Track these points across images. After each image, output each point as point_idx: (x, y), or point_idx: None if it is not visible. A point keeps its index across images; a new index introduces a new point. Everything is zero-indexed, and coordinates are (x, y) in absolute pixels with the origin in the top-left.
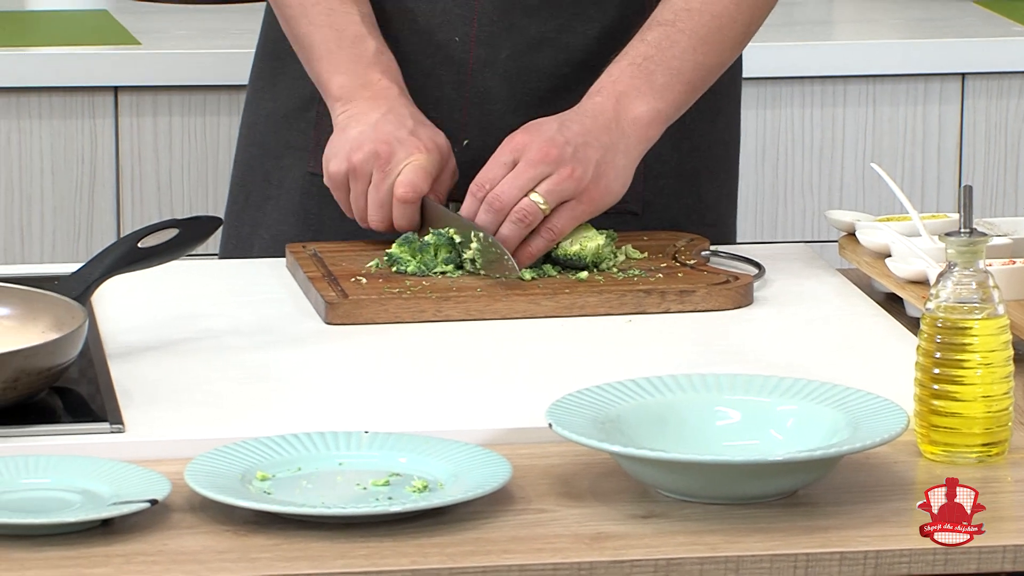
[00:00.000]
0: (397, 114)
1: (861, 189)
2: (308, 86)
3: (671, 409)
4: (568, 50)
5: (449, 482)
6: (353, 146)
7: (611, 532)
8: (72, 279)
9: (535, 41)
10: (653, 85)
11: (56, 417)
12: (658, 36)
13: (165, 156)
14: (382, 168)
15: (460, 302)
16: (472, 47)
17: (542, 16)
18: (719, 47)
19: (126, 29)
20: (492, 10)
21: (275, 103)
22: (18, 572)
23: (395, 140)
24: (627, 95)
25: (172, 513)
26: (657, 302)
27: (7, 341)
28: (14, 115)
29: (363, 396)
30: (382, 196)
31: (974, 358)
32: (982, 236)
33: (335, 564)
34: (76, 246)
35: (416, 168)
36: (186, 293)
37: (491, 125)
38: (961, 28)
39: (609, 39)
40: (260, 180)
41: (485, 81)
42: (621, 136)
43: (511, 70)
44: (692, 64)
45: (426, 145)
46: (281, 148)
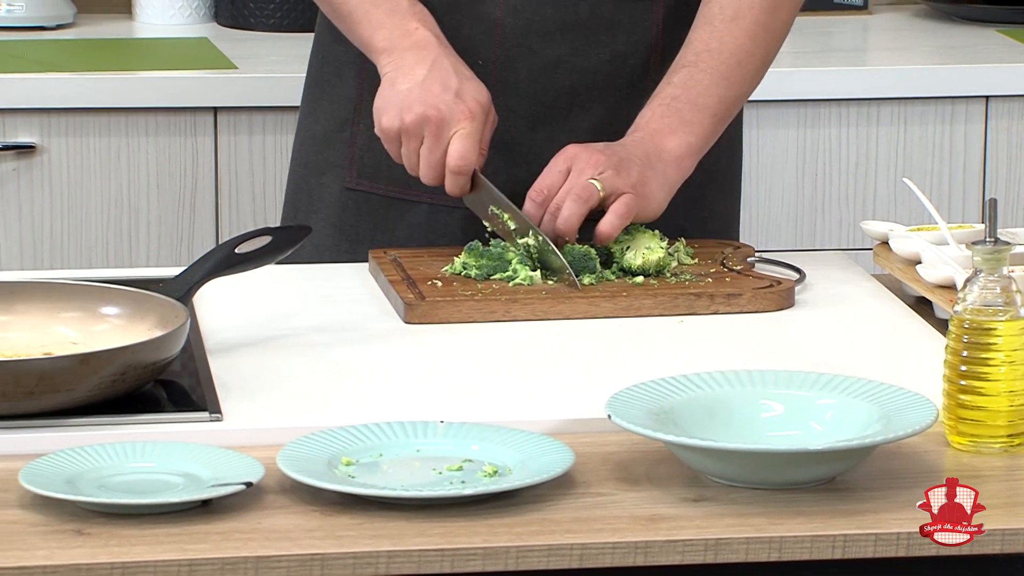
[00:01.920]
0: (441, 69)
1: (893, 201)
2: (345, 109)
3: (720, 402)
4: (581, 72)
5: (517, 468)
6: (404, 105)
7: (665, 514)
8: (175, 282)
9: (551, 63)
10: (683, 121)
11: (161, 407)
12: (683, 77)
13: (259, 170)
14: (434, 133)
15: (527, 304)
16: (494, 69)
17: (557, 41)
18: (740, 80)
19: (224, 55)
20: (512, 35)
21: (317, 125)
22: (127, 548)
23: (444, 105)
24: (660, 132)
25: (265, 495)
26: (706, 304)
27: (116, 338)
28: (123, 133)
29: (438, 389)
30: (435, 159)
31: (998, 356)
32: (1006, 245)
33: (413, 542)
34: (178, 252)
35: (466, 137)
36: (278, 295)
37: (512, 140)
38: (985, 55)
39: (619, 62)
40: (305, 197)
41: (506, 100)
42: (659, 165)
43: (529, 90)
44: (716, 99)
45: (471, 108)
46: (323, 166)
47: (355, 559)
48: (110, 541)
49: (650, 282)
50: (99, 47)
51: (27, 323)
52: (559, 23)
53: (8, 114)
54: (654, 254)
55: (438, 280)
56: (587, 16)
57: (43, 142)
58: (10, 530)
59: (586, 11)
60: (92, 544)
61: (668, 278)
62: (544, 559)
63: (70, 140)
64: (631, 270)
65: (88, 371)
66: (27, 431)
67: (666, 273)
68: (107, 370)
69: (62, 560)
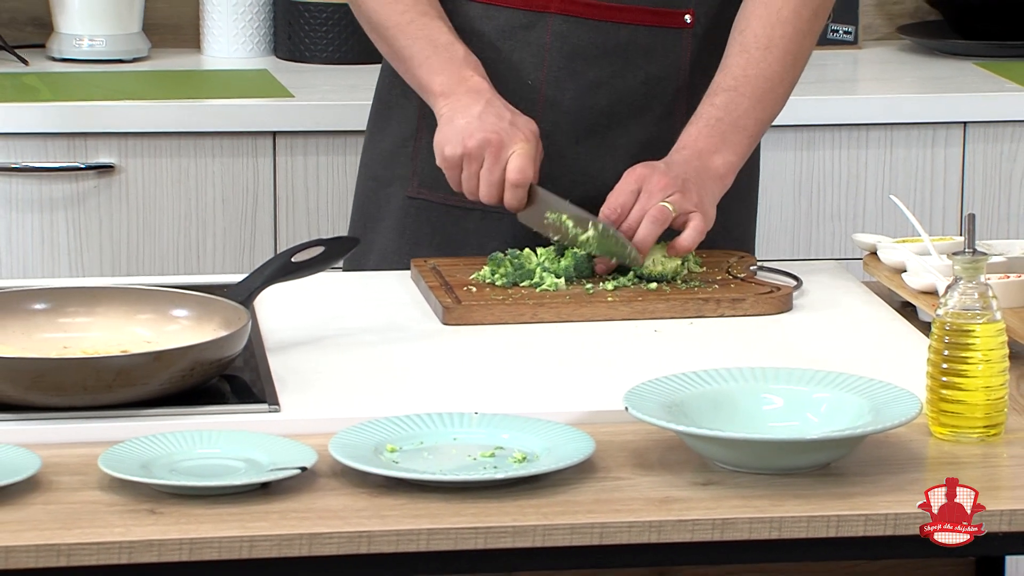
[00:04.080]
0: (495, 107)
1: (881, 216)
2: (409, 127)
3: (726, 396)
4: (620, 92)
5: (543, 454)
6: (465, 134)
7: (676, 496)
8: (238, 287)
9: (594, 84)
10: (726, 142)
11: (225, 399)
12: (724, 100)
13: (313, 188)
14: (494, 154)
15: (552, 307)
16: (542, 88)
17: (600, 64)
18: (773, 103)
19: (282, 85)
20: (559, 59)
21: (384, 142)
22: (194, 526)
23: (502, 130)
24: (706, 151)
25: (318, 478)
26: (713, 308)
27: (185, 337)
28: (192, 154)
29: (473, 384)
30: (495, 178)
31: (976, 356)
32: (983, 255)
33: (450, 520)
34: (241, 260)
35: (523, 155)
36: (330, 299)
37: (556, 153)
38: (963, 85)
39: (653, 84)
40: (373, 206)
41: (553, 116)
42: (708, 183)
43: (574, 108)
44: (754, 120)
45: (525, 134)
46: (389, 178)
47: (398, 536)
48: (180, 519)
49: (663, 288)
50: (171, 78)
51: (106, 324)
52: (600, 48)
53: (90, 137)
54: (671, 262)
55: (472, 286)
56: (625, 42)
57: (121, 162)
58: (91, 509)
59: (625, 37)
60: (164, 522)
61: (679, 284)
62: (567, 536)
63: (145, 161)
64: (649, 277)
65: (160, 367)
66: (106, 421)
67: (677, 280)
68: (177, 366)
69: (137, 536)
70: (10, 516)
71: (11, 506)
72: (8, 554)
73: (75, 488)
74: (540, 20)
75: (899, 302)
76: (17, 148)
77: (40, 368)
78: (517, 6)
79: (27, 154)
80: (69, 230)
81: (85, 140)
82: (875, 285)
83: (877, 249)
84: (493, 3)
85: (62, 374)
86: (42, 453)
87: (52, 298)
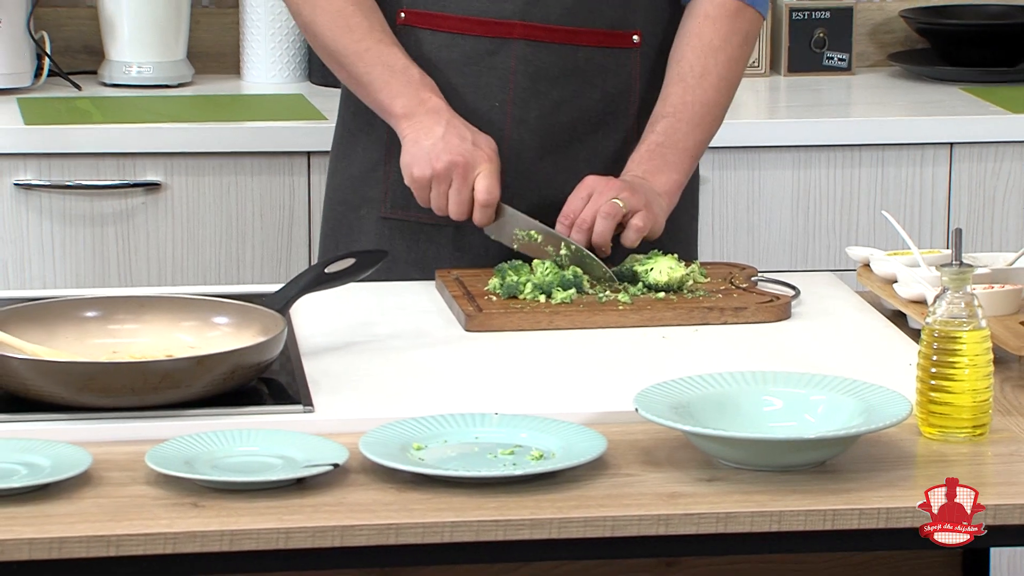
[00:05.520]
0: (455, 127)
1: (873, 230)
2: (377, 152)
3: (729, 397)
4: (580, 109)
5: (559, 452)
6: (432, 156)
7: (683, 492)
8: (275, 296)
9: (557, 103)
10: (667, 163)
11: (262, 400)
12: (664, 126)
13: None
14: (461, 175)
15: (567, 315)
16: (509, 109)
17: (562, 84)
18: (710, 125)
19: (316, 108)
20: (524, 81)
21: (353, 167)
22: (235, 518)
23: (466, 151)
24: (651, 172)
25: (349, 474)
26: (717, 316)
27: (226, 343)
28: (232, 172)
29: (493, 386)
30: (464, 197)
31: (963, 361)
32: (969, 267)
33: (472, 514)
34: (277, 271)
35: (489, 175)
36: (361, 307)
37: (524, 169)
38: (950, 109)
39: (609, 100)
40: (345, 229)
41: (520, 135)
42: (654, 195)
43: (539, 126)
44: (693, 142)
45: (488, 154)
46: (359, 201)
47: (424, 528)
48: (221, 512)
49: (670, 297)
50: (212, 102)
51: (153, 330)
52: (561, 69)
53: (138, 157)
54: (677, 272)
55: (493, 295)
56: (583, 62)
57: (167, 180)
58: (138, 503)
59: (582, 58)
60: (206, 515)
61: (685, 294)
62: (581, 529)
63: (189, 179)
64: (657, 287)
65: (203, 370)
66: (152, 420)
67: (683, 290)
68: (219, 370)
69: (181, 528)
70: (63, 509)
71: (64, 500)
72: (62, 544)
73: (123, 483)
74: (504, 46)
75: (890, 311)
76: (71, 167)
77: (91, 372)
78: (482, 34)
79: (80, 173)
80: (118, 243)
81: (133, 160)
82: (868, 295)
83: (870, 261)
84: (460, 32)
85: (112, 377)
86: (93, 451)
87: (102, 306)
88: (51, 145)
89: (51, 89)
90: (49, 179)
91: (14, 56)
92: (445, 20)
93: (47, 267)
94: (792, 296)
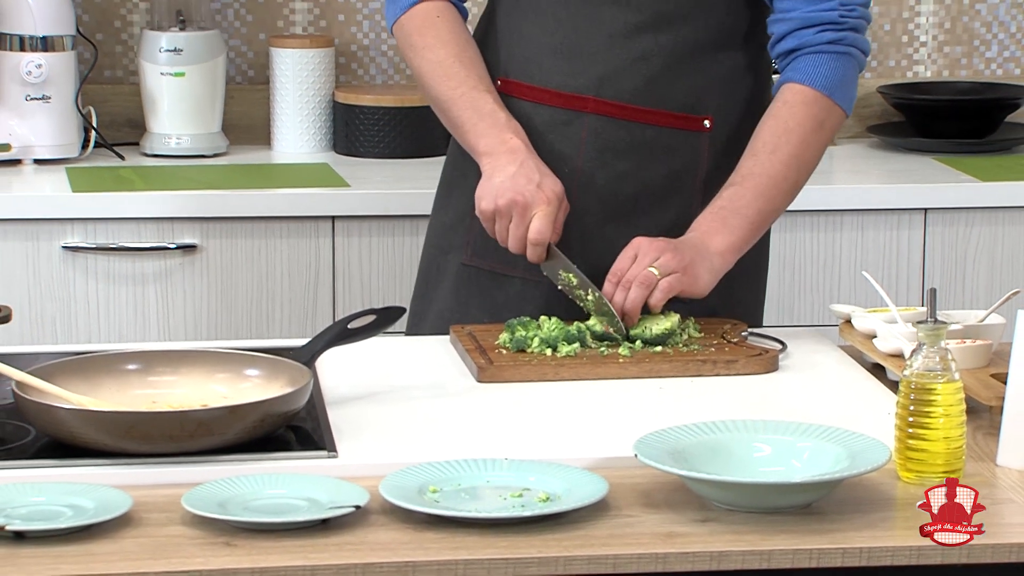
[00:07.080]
0: (527, 168)
1: (854, 289)
2: (468, 203)
3: (722, 444)
4: (644, 182)
5: (564, 495)
6: (498, 192)
7: (679, 531)
8: (302, 350)
9: (622, 174)
10: (727, 225)
11: (290, 446)
12: (730, 193)
13: (367, 264)
14: (520, 214)
15: (571, 367)
16: (577, 176)
17: (627, 156)
18: (774, 198)
19: (340, 175)
20: (593, 151)
21: (447, 216)
22: (264, 556)
23: (528, 192)
24: (709, 232)
25: (370, 515)
26: (711, 368)
27: (257, 393)
28: (263, 236)
29: (504, 433)
30: (520, 234)
31: (938, 411)
32: (943, 324)
33: (484, 552)
34: (304, 327)
35: (544, 217)
36: (381, 360)
37: (587, 232)
38: (924, 177)
39: (674, 177)
40: (435, 271)
41: (586, 200)
42: (706, 254)
43: (604, 194)
44: (755, 211)
45: (548, 197)
46: (447, 247)
47: (439, 566)
48: (251, 551)
49: (667, 351)
50: (245, 170)
51: (189, 382)
52: (629, 143)
53: (176, 221)
54: (668, 321)
55: (503, 349)
56: (651, 140)
57: (203, 242)
58: (175, 542)
59: (651, 136)
60: (238, 553)
61: (681, 348)
62: (585, 566)
63: (223, 241)
64: (650, 339)
65: (236, 419)
66: (188, 465)
67: (679, 344)
68: (250, 418)
69: (214, 566)
70: (105, 548)
71: (106, 539)
72: None
73: (162, 524)
74: (578, 118)
75: (871, 364)
76: (114, 231)
77: (132, 420)
78: (559, 105)
79: (123, 236)
80: (158, 301)
81: (172, 224)
82: (849, 349)
83: (851, 318)
84: (540, 102)
85: (151, 426)
86: (133, 494)
87: (143, 360)
88: (96, 211)
89: (97, 159)
90: (95, 242)
91: (63, 129)
92: (530, 90)
93: (92, 323)
94: (780, 350)
